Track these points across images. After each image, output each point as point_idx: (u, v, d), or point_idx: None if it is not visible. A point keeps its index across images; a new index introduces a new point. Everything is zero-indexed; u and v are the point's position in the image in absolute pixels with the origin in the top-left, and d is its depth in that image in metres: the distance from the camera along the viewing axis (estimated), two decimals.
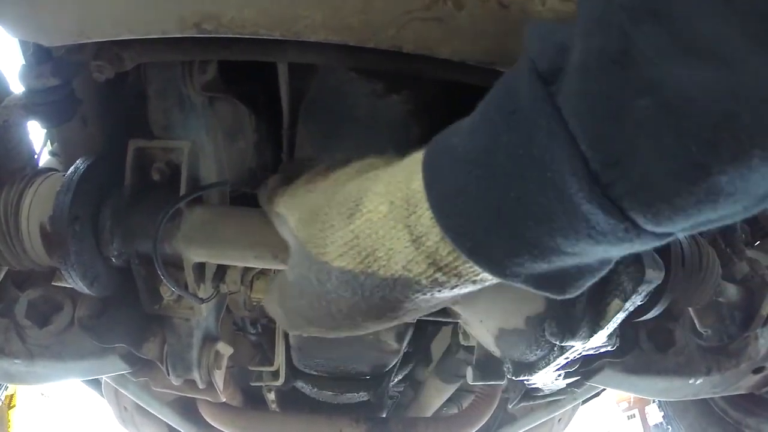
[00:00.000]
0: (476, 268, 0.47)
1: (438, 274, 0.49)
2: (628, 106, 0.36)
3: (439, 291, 0.51)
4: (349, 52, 0.73)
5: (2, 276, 1.07)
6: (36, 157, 1.10)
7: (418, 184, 0.49)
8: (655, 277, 0.77)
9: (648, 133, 0.36)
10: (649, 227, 0.40)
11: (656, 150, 0.36)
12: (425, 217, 0.47)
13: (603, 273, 0.49)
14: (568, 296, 0.49)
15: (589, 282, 0.50)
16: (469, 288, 0.51)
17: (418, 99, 1.08)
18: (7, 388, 1.92)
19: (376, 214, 0.52)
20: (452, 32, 0.65)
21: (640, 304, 0.80)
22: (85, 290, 0.94)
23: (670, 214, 0.38)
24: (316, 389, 1.70)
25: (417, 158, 0.52)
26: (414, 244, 0.48)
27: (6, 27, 0.69)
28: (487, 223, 0.44)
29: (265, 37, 0.66)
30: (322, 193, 0.64)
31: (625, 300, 0.76)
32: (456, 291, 0.51)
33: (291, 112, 1.05)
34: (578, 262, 0.46)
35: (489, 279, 0.49)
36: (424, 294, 0.52)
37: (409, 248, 0.49)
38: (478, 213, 0.44)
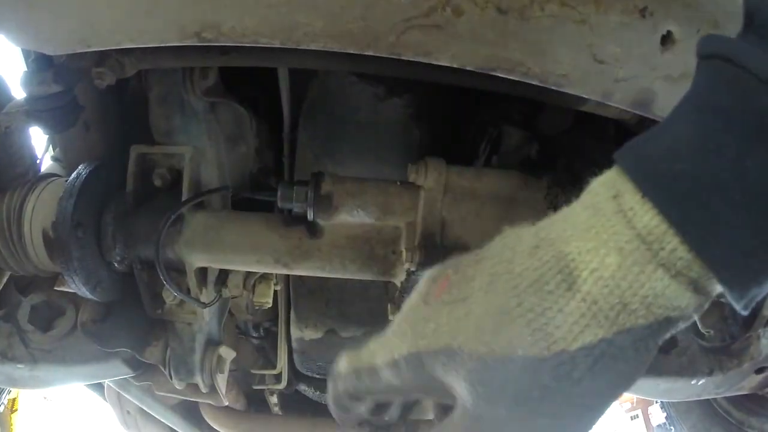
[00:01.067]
0: (719, 287, 0.45)
1: (696, 298, 0.46)
2: None
3: (689, 319, 0.48)
4: (350, 58, 0.74)
5: (5, 281, 1.07)
6: (38, 162, 1.11)
7: (649, 219, 0.44)
8: None
9: None
10: None
11: None
12: (681, 250, 0.44)
13: None
14: (746, 312, 0.47)
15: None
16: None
17: (420, 102, 1.08)
18: (9, 392, 1.92)
19: (606, 269, 0.46)
20: (451, 39, 0.65)
21: None
22: (88, 295, 0.95)
23: None
24: (318, 392, 1.70)
25: (612, 199, 0.47)
26: (675, 279, 0.45)
27: (7, 36, 0.70)
28: (754, 253, 0.42)
29: (265, 45, 0.66)
30: (484, 294, 0.52)
31: None
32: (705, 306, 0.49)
33: (292, 116, 1.06)
34: None
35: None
36: (680, 325, 0.48)
37: (672, 285, 0.45)
38: (745, 243, 0.42)
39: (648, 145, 0.46)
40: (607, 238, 0.46)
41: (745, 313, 0.46)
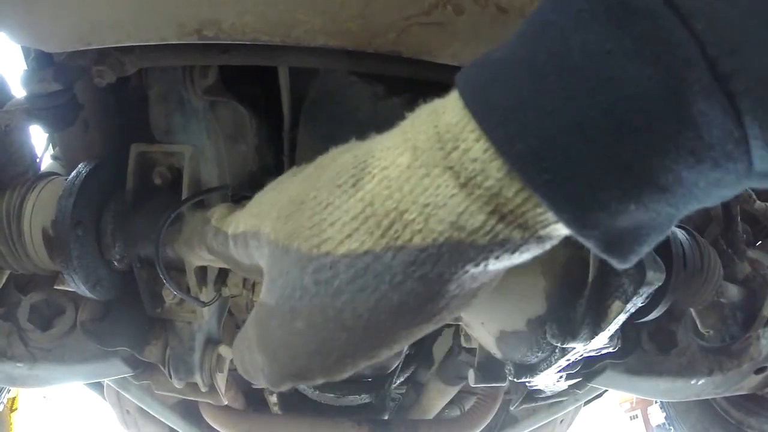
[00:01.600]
0: (547, 214, 0.36)
1: (500, 226, 0.37)
2: None
3: (496, 257, 0.39)
4: (350, 56, 0.74)
5: (5, 279, 1.07)
6: (38, 161, 1.11)
7: (452, 115, 0.37)
8: (656, 278, 0.77)
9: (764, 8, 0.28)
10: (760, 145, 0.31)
11: None
12: (476, 149, 0.35)
13: (666, 234, 0.39)
14: (626, 264, 0.39)
15: (651, 245, 0.39)
16: (526, 253, 0.39)
17: (420, 101, 1.08)
18: (9, 391, 1.92)
19: (394, 169, 0.39)
20: (452, 37, 0.65)
21: (641, 305, 0.80)
22: (88, 294, 0.95)
23: None
24: (317, 392, 1.70)
25: (434, 103, 0.41)
26: (465, 188, 0.36)
27: (7, 33, 0.70)
28: (568, 142, 0.33)
29: (265, 43, 0.66)
30: (301, 181, 0.49)
31: (626, 302, 0.76)
32: (512, 258, 0.40)
33: (292, 115, 1.06)
34: (652, 216, 0.36)
35: (555, 235, 0.39)
36: (477, 264, 0.39)
37: (459, 195, 0.36)
38: (555, 130, 0.33)
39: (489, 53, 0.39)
40: (410, 137, 0.40)
41: (616, 263, 0.38)
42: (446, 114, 0.38)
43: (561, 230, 0.38)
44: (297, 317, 0.44)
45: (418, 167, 0.38)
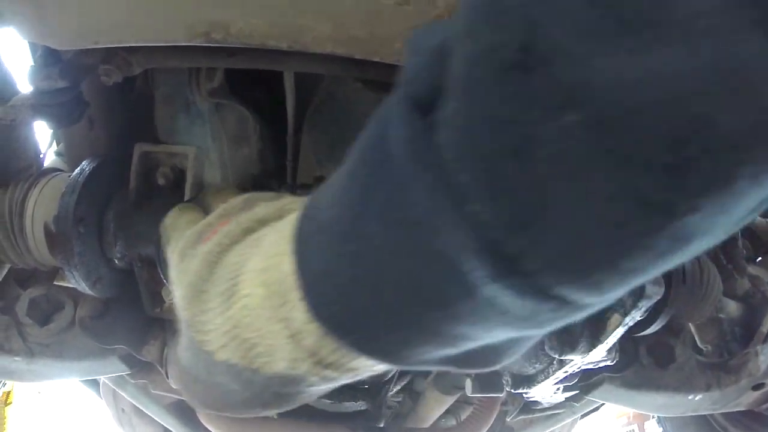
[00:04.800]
0: (363, 360, 0.39)
1: (327, 371, 0.40)
2: (535, 134, 0.25)
3: (336, 381, 0.43)
4: (356, 63, 0.74)
5: (5, 273, 1.07)
6: (42, 156, 1.11)
7: (288, 265, 0.39)
8: (654, 292, 0.77)
9: (569, 171, 0.25)
10: (590, 299, 0.30)
11: (585, 195, 0.26)
12: (298, 309, 0.38)
13: (538, 338, 0.41)
14: (495, 368, 0.41)
15: (524, 349, 0.41)
16: (374, 371, 0.43)
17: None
18: (4, 384, 1.93)
19: (253, 298, 0.42)
20: None
21: (639, 319, 0.80)
22: (88, 291, 0.95)
23: (619, 280, 0.29)
24: None
25: (292, 224, 0.42)
26: (293, 340, 0.39)
27: (15, 29, 0.70)
28: (369, 311, 0.35)
29: (272, 48, 0.66)
30: (203, 260, 0.50)
31: (625, 315, 0.76)
32: (358, 377, 0.44)
33: (296, 120, 1.06)
34: (501, 340, 0.37)
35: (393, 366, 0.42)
36: (319, 386, 0.44)
37: (290, 345, 0.40)
38: (357, 300, 0.35)
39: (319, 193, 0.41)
40: (267, 266, 0.42)
41: (480, 370, 0.41)
42: (286, 261, 0.40)
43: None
44: (197, 383, 0.49)
45: (266, 309, 0.41)
